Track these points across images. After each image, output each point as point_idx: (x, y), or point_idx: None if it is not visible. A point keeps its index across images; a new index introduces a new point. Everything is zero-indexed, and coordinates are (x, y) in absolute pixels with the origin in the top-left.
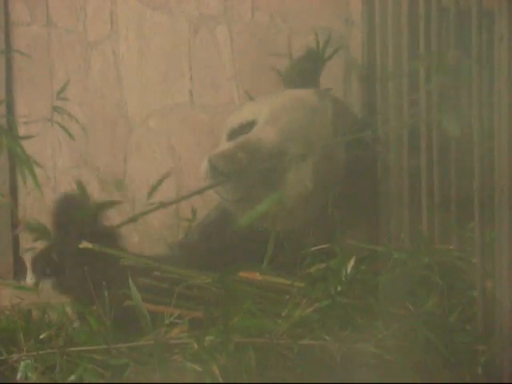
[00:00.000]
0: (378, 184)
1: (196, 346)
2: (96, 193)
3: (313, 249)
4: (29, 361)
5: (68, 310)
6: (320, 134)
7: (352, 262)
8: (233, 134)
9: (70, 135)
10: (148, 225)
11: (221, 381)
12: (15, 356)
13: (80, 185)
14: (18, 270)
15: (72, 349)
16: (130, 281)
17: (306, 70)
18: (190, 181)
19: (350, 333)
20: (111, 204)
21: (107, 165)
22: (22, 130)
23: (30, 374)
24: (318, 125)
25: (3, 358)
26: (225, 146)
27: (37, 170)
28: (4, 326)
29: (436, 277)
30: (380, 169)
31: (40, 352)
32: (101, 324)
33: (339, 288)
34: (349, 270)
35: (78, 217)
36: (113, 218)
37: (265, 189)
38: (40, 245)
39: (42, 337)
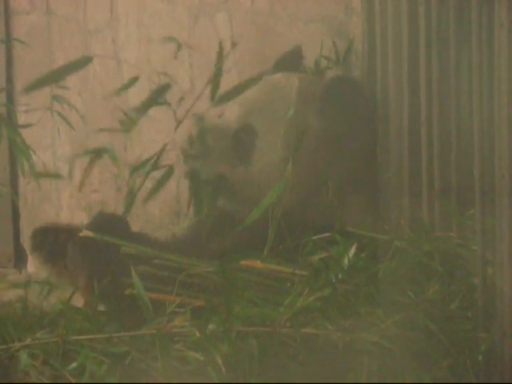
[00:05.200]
0: (378, 170)
1: (198, 334)
2: (96, 182)
3: (314, 237)
4: (31, 350)
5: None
6: (281, 106)
7: (353, 250)
8: None
9: (70, 124)
10: (148, 212)
11: (223, 370)
12: (17, 345)
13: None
14: (19, 259)
15: (74, 337)
16: (132, 269)
17: (288, 65)
18: None
19: (351, 321)
20: None
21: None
22: (21, 119)
23: (31, 363)
24: (280, 98)
25: (4, 346)
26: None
27: (35, 159)
28: (5, 314)
29: (436, 264)
30: (380, 154)
31: (41, 341)
32: (95, 312)
33: (340, 276)
34: (350, 257)
35: None
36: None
37: (235, 163)
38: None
39: (39, 325)
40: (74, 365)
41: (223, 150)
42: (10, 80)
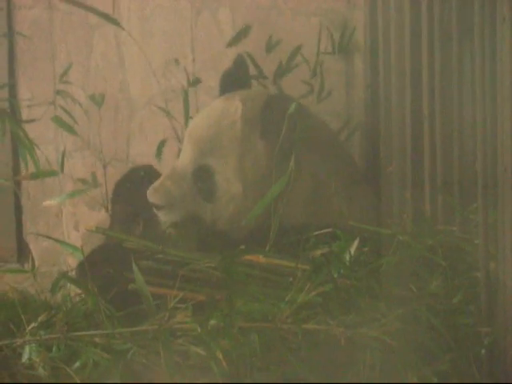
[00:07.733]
0: (381, 165)
1: (200, 330)
2: (100, 175)
3: (316, 233)
4: (33, 345)
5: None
6: (230, 135)
7: (355, 245)
8: None
9: (73, 118)
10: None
11: (225, 365)
12: (19, 340)
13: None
14: (22, 254)
15: (76, 333)
16: (134, 264)
17: (236, 78)
18: None
19: (353, 317)
20: None
21: (110, 147)
22: (24, 114)
23: (34, 358)
24: (227, 128)
25: (7, 342)
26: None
27: (38, 153)
28: (7, 309)
29: (439, 258)
30: (382, 150)
31: (43, 336)
32: (96, 305)
33: (342, 271)
34: (352, 252)
35: None
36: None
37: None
38: None
39: (41, 319)
40: (77, 363)
41: (186, 194)
42: (12, 74)
